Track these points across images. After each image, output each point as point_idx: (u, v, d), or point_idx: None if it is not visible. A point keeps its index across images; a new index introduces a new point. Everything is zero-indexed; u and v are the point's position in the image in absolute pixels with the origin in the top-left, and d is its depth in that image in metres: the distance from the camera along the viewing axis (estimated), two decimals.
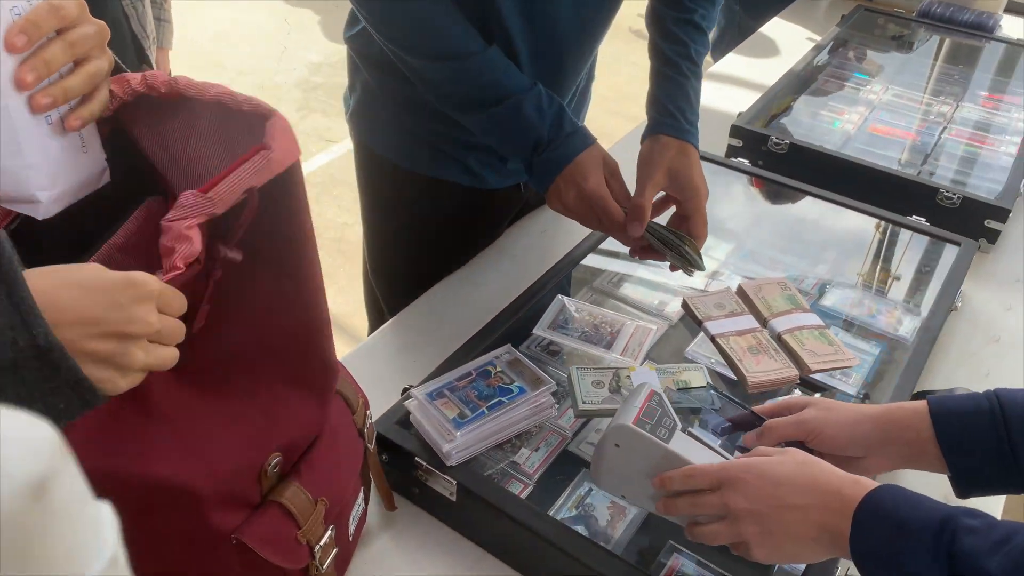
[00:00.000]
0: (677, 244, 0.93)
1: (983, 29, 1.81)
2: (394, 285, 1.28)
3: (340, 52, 3.85)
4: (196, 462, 0.56)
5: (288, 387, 0.62)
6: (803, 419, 0.72)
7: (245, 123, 0.57)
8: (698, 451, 0.68)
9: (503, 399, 0.80)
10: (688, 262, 0.93)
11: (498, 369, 0.84)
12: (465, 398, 0.80)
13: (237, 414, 0.58)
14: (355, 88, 1.16)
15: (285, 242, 0.59)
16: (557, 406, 0.87)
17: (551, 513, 0.79)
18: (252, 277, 0.57)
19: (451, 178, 1.13)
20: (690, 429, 0.71)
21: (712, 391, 0.83)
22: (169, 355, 0.50)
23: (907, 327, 1.07)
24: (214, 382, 0.57)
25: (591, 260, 1.11)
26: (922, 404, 0.69)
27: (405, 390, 0.87)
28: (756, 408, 0.76)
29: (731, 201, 1.31)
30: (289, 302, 0.60)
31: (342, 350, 2.14)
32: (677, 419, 0.70)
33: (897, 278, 1.16)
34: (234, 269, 0.55)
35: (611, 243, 1.14)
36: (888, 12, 1.90)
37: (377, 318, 1.35)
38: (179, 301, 0.51)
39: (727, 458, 0.68)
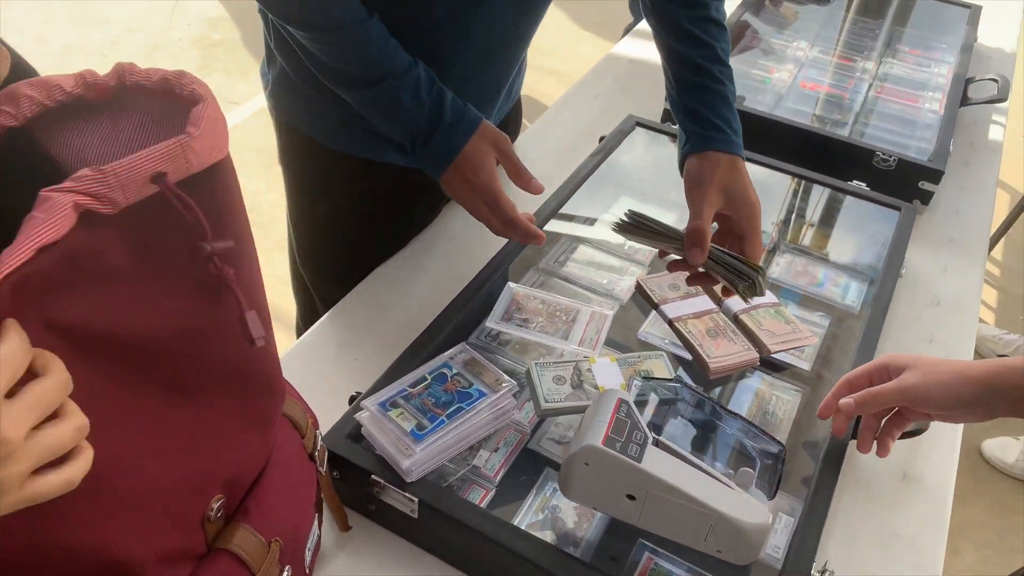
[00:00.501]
0: (749, 273, 0.82)
1: None
2: (326, 272, 1.20)
3: (240, 6, 3.62)
4: (127, 520, 0.48)
5: (227, 417, 0.55)
6: (905, 386, 0.74)
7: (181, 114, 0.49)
8: (672, 466, 0.65)
9: (463, 405, 0.75)
10: (755, 291, 0.83)
11: (454, 372, 0.79)
12: (422, 407, 0.75)
13: (169, 456, 0.51)
14: (274, 62, 1.05)
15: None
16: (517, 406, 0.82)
17: (516, 518, 0.76)
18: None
19: (387, 159, 1.05)
20: (660, 439, 0.68)
21: (678, 383, 0.80)
22: (62, 480, 0.39)
23: (852, 295, 1.07)
24: (140, 421, 0.50)
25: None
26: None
27: (353, 398, 0.81)
28: (849, 377, 0.80)
29: (671, 169, 1.28)
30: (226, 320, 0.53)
31: (280, 334, 1.98)
32: (648, 431, 0.66)
33: (843, 244, 1.15)
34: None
35: (554, 222, 1.10)
36: None
37: (307, 306, 1.27)
38: (53, 386, 0.38)
39: (701, 468, 0.66)
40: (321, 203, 1.16)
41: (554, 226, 1.10)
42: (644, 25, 1.74)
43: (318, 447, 0.68)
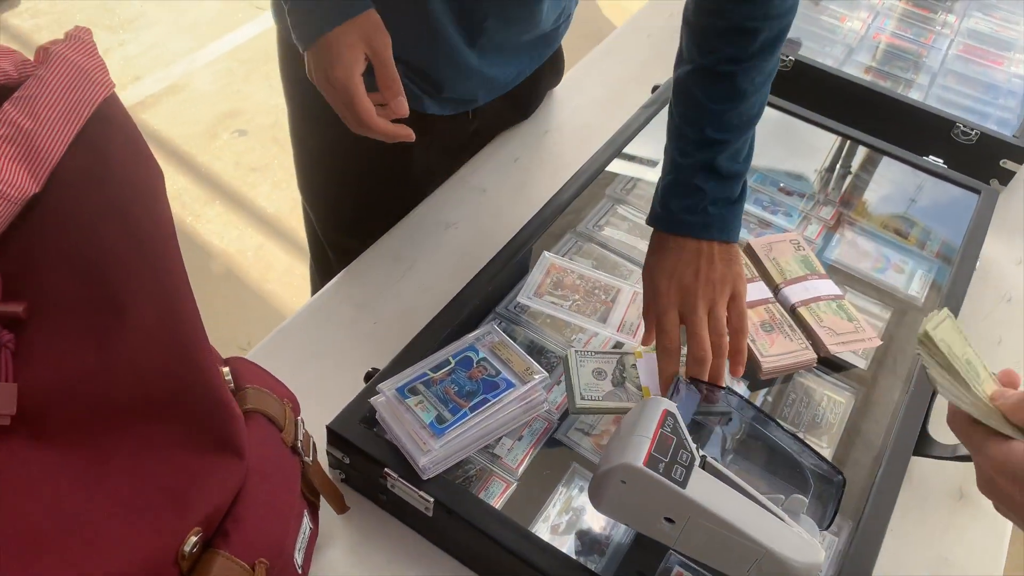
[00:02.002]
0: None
1: None
2: (332, 217, 1.11)
3: None
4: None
5: (186, 451, 0.47)
6: None
7: None
8: (719, 493, 0.58)
9: (488, 396, 0.68)
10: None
11: (480, 356, 0.71)
12: (443, 395, 0.68)
13: (126, 503, 0.43)
14: None
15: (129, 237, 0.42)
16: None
17: (538, 519, 0.70)
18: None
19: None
20: (708, 459, 0.60)
21: (730, 392, 0.72)
22: None
23: (916, 285, 0.97)
24: (84, 468, 0.42)
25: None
26: None
27: (369, 375, 0.74)
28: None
29: None
30: (155, 331, 0.43)
31: (286, 261, 1.95)
32: (695, 451, 0.59)
33: (912, 224, 1.05)
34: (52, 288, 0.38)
35: (595, 184, 1.00)
36: None
37: (318, 251, 1.18)
38: None
39: (751, 496, 0.59)
40: (317, 133, 1.04)
41: (596, 185, 1.00)
42: None
43: (300, 437, 0.61)
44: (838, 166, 1.13)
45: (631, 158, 1.06)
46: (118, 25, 2.71)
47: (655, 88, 1.14)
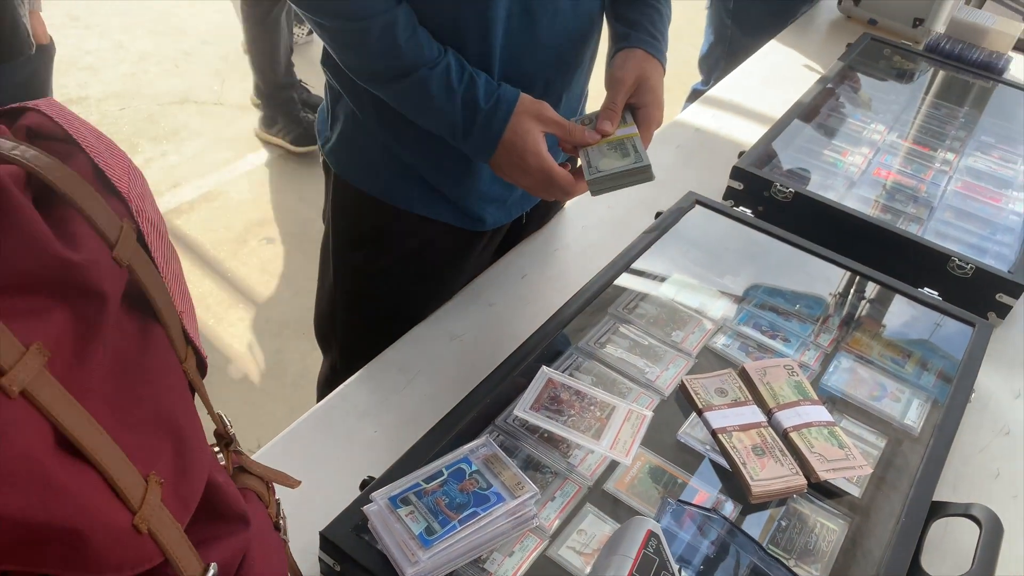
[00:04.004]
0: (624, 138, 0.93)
1: (992, 70, 1.73)
2: (365, 327, 1.17)
3: None
4: None
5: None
6: None
7: None
8: None
9: (478, 509, 0.70)
10: (635, 164, 0.91)
11: (473, 469, 0.73)
12: (434, 507, 0.69)
13: None
14: (336, 119, 1.03)
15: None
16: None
17: None
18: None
19: (441, 217, 1.03)
20: None
21: (717, 515, 0.73)
22: None
23: (913, 414, 0.98)
24: None
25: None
26: None
27: (365, 483, 0.76)
28: None
29: (730, 252, 1.21)
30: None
31: (301, 366, 2.00)
32: (676, 573, 0.60)
33: (908, 355, 1.07)
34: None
35: (598, 302, 1.04)
36: (895, 43, 1.82)
37: (332, 363, 1.24)
38: None
39: None
40: (373, 257, 1.13)
41: (599, 303, 1.04)
42: (713, 91, 1.69)
43: (282, 515, 0.62)
44: (838, 294, 1.16)
45: (634, 275, 1.10)
46: (162, 136, 2.88)
47: (658, 214, 1.19)
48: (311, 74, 2.92)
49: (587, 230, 1.26)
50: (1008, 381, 1.07)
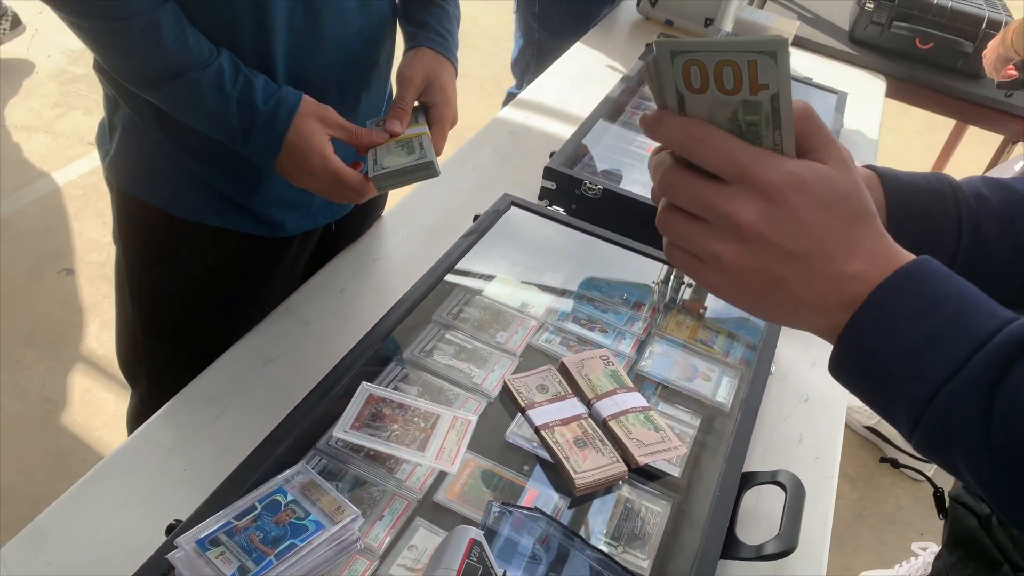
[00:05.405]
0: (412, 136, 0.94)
1: None
2: (169, 351, 1.09)
3: None
4: None
5: None
6: None
7: None
8: None
9: (295, 541, 0.66)
10: (419, 160, 0.92)
11: (289, 499, 0.69)
12: (247, 544, 0.65)
13: None
14: (114, 129, 0.95)
15: None
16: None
17: None
18: None
19: (240, 227, 0.97)
20: None
21: (539, 513, 0.73)
22: None
23: (723, 391, 1.04)
24: None
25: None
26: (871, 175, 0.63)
27: (171, 527, 0.70)
28: None
29: (548, 251, 1.23)
30: None
31: (115, 404, 1.85)
32: None
33: (717, 332, 1.13)
34: None
35: (420, 311, 1.02)
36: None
37: (140, 394, 1.14)
38: None
39: None
40: (169, 275, 1.05)
41: (422, 311, 1.03)
42: (526, 94, 1.72)
43: None
44: (659, 282, 1.21)
45: (456, 280, 1.10)
46: None
47: (476, 217, 1.19)
48: None
49: (406, 239, 1.24)
50: (804, 352, 1.16)
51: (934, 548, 2.01)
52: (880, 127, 1.98)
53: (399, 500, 0.80)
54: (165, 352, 1.11)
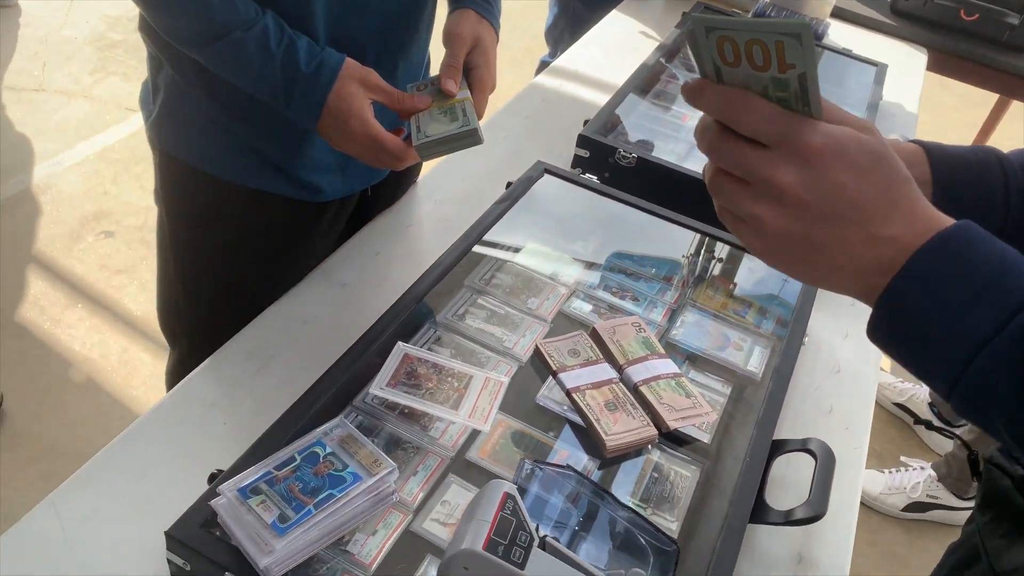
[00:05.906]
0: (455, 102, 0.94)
1: None
2: (210, 309, 1.11)
3: None
4: None
5: None
6: None
7: None
8: (559, 574, 0.59)
9: (334, 491, 0.68)
10: (463, 127, 0.92)
11: (327, 451, 0.71)
12: (287, 493, 0.67)
13: None
14: (157, 90, 0.97)
15: None
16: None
17: None
18: None
19: (279, 190, 0.98)
20: (548, 539, 0.62)
21: (570, 471, 0.75)
22: None
23: (755, 361, 1.04)
24: None
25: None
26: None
27: (213, 476, 0.72)
28: None
29: (580, 219, 1.24)
30: None
31: (152, 364, 1.90)
32: (534, 532, 0.61)
33: (750, 305, 1.13)
34: None
35: (453, 276, 1.03)
36: (725, 11, 1.90)
37: (180, 351, 1.17)
38: None
39: (590, 573, 0.60)
40: (210, 236, 1.07)
41: (454, 276, 1.04)
42: (560, 62, 1.71)
43: None
44: (690, 255, 1.21)
45: (488, 247, 1.10)
46: None
47: (508, 184, 1.20)
48: None
49: (439, 204, 1.25)
50: (838, 324, 1.16)
51: (923, 463, 2.06)
52: (920, 101, 1.94)
53: (432, 457, 0.82)
54: (204, 312, 1.14)
